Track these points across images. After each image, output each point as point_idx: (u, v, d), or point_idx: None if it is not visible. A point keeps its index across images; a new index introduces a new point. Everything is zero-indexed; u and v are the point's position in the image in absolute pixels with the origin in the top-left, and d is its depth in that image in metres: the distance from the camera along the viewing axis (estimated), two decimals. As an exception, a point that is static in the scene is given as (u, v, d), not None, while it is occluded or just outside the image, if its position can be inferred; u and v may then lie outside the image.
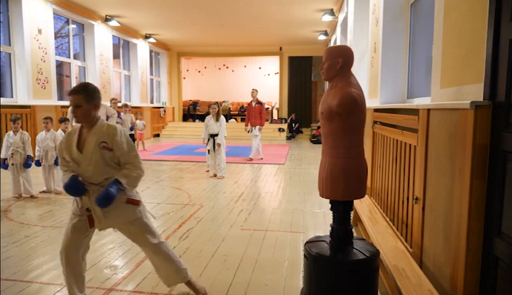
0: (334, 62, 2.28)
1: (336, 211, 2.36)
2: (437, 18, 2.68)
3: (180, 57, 17.58)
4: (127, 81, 14.20)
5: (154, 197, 5.48)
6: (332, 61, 2.29)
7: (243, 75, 18.99)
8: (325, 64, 2.33)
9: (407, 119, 3.10)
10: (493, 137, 1.84)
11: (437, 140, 2.42)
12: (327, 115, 2.23)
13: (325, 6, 10.12)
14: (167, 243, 2.64)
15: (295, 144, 13.71)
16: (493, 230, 1.83)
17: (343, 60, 2.27)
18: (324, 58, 2.37)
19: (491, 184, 1.85)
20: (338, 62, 2.27)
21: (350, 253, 2.28)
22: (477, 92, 1.99)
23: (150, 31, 13.96)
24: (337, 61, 2.27)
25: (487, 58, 1.86)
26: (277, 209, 4.87)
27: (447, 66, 2.43)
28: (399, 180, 3.36)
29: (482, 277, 1.92)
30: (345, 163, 2.22)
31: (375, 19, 5.05)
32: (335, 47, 2.40)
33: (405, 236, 3.12)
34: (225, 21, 12.04)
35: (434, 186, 2.48)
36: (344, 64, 2.28)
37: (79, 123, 2.41)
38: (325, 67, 2.33)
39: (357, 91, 2.22)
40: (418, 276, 2.31)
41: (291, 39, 15.09)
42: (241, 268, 3.09)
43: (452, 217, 2.14)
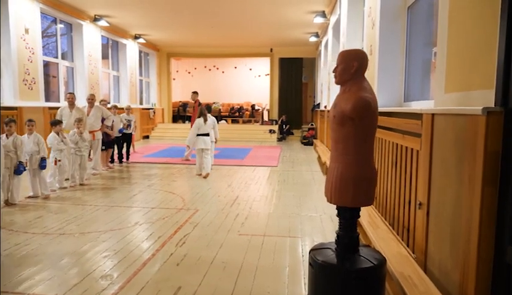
0: (348, 66, 2.24)
1: (343, 217, 2.32)
2: (441, 24, 2.66)
3: (169, 58, 17.42)
4: (116, 82, 13.99)
5: (147, 201, 5.37)
6: (346, 64, 2.25)
7: (233, 76, 18.93)
8: (339, 68, 2.29)
9: (408, 123, 3.08)
10: (505, 144, 1.82)
11: (443, 145, 2.40)
12: (339, 119, 2.18)
13: (317, 8, 10.12)
14: None
15: (286, 145, 13.69)
16: (505, 237, 1.81)
17: (358, 64, 2.23)
18: (337, 61, 2.33)
19: (503, 191, 1.83)
20: (353, 66, 2.23)
21: (357, 261, 2.24)
22: (486, 98, 1.97)
23: (139, 31, 13.80)
24: (352, 64, 2.23)
25: (499, 65, 1.84)
26: (273, 214, 4.82)
27: (453, 71, 2.41)
28: (400, 185, 3.34)
29: (493, 285, 1.90)
30: (356, 170, 2.17)
31: (370, 22, 5.04)
32: (349, 51, 2.37)
33: (406, 241, 3.10)
34: (216, 22, 11.96)
35: (439, 191, 2.46)
36: (359, 68, 2.24)
37: None
38: (339, 71, 2.29)
39: (371, 96, 2.18)
40: (426, 283, 2.28)
41: (282, 41, 15.07)
42: (242, 276, 3.02)
43: (461, 223, 2.12)
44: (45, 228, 4.15)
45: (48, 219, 4.52)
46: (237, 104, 18.45)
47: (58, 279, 2.96)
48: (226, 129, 15.30)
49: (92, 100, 7.50)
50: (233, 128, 15.84)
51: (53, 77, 10.68)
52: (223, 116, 17.57)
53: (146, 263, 3.25)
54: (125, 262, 3.28)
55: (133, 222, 4.39)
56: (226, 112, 17.98)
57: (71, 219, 4.45)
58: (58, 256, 3.39)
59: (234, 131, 15.51)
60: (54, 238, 3.83)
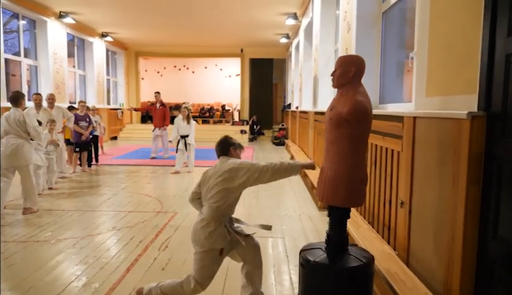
0: (347, 71, 2.29)
1: (333, 217, 2.37)
2: (420, 29, 2.78)
3: (137, 57, 17.05)
4: (82, 81, 13.54)
5: (123, 205, 5.25)
6: (345, 69, 2.30)
7: (203, 76, 18.77)
8: (337, 72, 2.34)
9: (389, 125, 3.20)
10: (488, 146, 1.93)
11: (426, 147, 2.51)
12: (335, 122, 2.24)
13: (289, 10, 10.23)
14: None
15: (257, 145, 13.75)
16: (488, 234, 1.92)
17: (356, 69, 2.29)
18: (336, 65, 2.38)
19: (486, 190, 1.95)
20: (351, 71, 2.29)
21: (347, 260, 2.30)
22: (467, 103, 2.08)
23: (107, 29, 13.41)
24: (350, 69, 2.29)
25: (482, 72, 1.95)
26: (253, 215, 4.84)
27: (434, 76, 2.53)
28: (380, 184, 3.46)
29: (476, 279, 2.01)
30: (349, 171, 2.23)
31: (346, 25, 5.17)
32: (348, 56, 2.44)
33: (387, 239, 3.21)
34: (186, 22, 11.83)
35: (421, 191, 2.57)
36: (356, 73, 2.30)
37: None
38: (337, 75, 2.34)
39: (367, 100, 2.25)
40: (412, 279, 2.38)
41: (252, 41, 15.12)
42: (229, 278, 3.03)
43: (444, 222, 2.22)
44: (17, 236, 3.96)
45: (18, 225, 4.32)
46: (208, 105, 18.33)
47: (36, 291, 2.83)
48: (197, 130, 15.06)
49: (52, 100, 6.96)
50: (204, 129, 15.70)
51: (13, 76, 10.18)
52: (193, 116, 17.32)
53: (129, 269, 3.19)
54: (108, 268, 3.19)
55: (111, 227, 4.28)
56: (197, 113, 17.79)
57: (44, 226, 4.28)
58: (34, 265, 3.25)
59: (205, 131, 15.37)
60: (28, 246, 3.67)
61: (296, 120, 11.25)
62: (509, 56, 1.78)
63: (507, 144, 1.80)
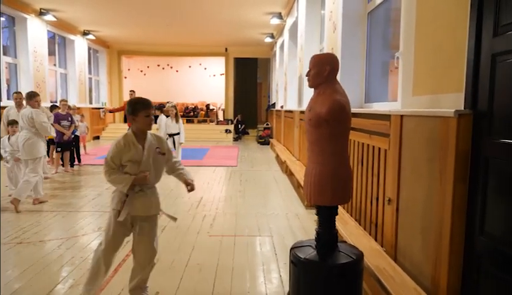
0: (321, 70, 2.32)
1: (322, 216, 2.39)
2: (407, 29, 2.83)
3: (120, 55, 16.83)
4: (64, 80, 13.27)
5: (108, 205, 5.12)
6: (319, 68, 2.32)
7: (188, 75, 18.65)
8: (312, 71, 2.36)
9: (375, 124, 3.24)
10: (474, 144, 1.98)
11: (413, 145, 2.56)
12: (315, 122, 2.25)
13: (274, 9, 10.26)
14: None
15: (242, 145, 13.75)
16: (475, 229, 1.97)
17: (330, 68, 2.32)
18: (310, 65, 2.40)
19: (472, 187, 2.00)
20: (326, 70, 2.31)
21: (338, 257, 2.32)
22: (455, 101, 2.13)
23: (88, 27, 13.19)
24: (324, 68, 2.31)
25: (468, 71, 2.00)
26: (240, 214, 4.84)
27: (421, 75, 2.58)
28: (367, 182, 3.51)
29: (464, 274, 2.06)
30: (333, 170, 2.26)
31: (332, 25, 5.22)
32: (322, 55, 2.45)
33: (374, 236, 3.26)
34: (170, 20, 11.73)
35: (409, 188, 2.62)
36: (331, 71, 2.32)
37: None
38: (312, 75, 2.36)
39: (344, 98, 2.27)
40: (401, 275, 2.42)
41: (237, 40, 15.10)
42: (219, 278, 3.02)
43: (432, 218, 2.27)
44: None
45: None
46: (192, 104, 18.22)
47: (22, 292, 2.77)
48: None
49: (20, 100, 6.44)
50: (188, 128, 15.48)
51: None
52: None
53: (117, 269, 3.14)
54: (95, 269, 3.14)
55: (97, 228, 4.21)
56: (181, 112, 17.65)
57: (27, 227, 4.18)
58: (18, 267, 3.17)
59: (190, 131, 15.22)
60: (11, 248, 3.58)
61: (281, 119, 11.29)
62: (495, 56, 1.83)
63: (493, 142, 1.85)
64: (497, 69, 1.83)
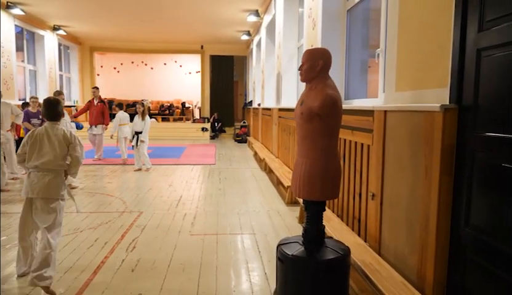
0: (314, 64, 2.30)
1: (310, 211, 2.38)
2: (389, 26, 2.85)
3: (92, 52, 16.34)
4: (33, 77, 12.77)
5: (84, 206, 5.00)
6: (313, 62, 2.31)
7: (163, 73, 18.32)
8: (305, 66, 2.34)
9: (358, 120, 3.26)
10: (459, 138, 2.01)
11: (397, 140, 2.58)
12: (306, 116, 2.24)
13: (251, 7, 10.21)
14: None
15: (219, 143, 13.65)
16: (461, 222, 2.00)
17: (323, 62, 2.30)
18: (303, 59, 2.38)
19: (457, 180, 2.03)
20: (318, 64, 2.30)
21: (325, 252, 2.32)
22: (439, 96, 2.16)
23: (59, 22, 12.71)
24: (317, 63, 2.30)
25: (453, 66, 2.03)
26: (221, 212, 4.78)
27: (404, 71, 2.60)
28: (349, 178, 3.53)
29: (449, 266, 2.10)
30: (323, 165, 2.25)
31: (311, 22, 5.23)
32: (315, 49, 2.43)
33: (357, 231, 3.28)
34: (145, 16, 11.47)
35: (393, 183, 2.65)
36: (324, 66, 2.31)
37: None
38: (305, 69, 2.34)
39: (336, 93, 2.26)
40: (387, 269, 2.44)
41: (213, 38, 14.96)
42: (203, 277, 2.96)
43: (417, 212, 2.30)
44: (-33, 242, 3.65)
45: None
46: (167, 102, 17.92)
47: (-5, 297, 2.63)
48: (157, 128, 14.79)
49: None
50: (164, 127, 15.37)
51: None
52: (152, 114, 16.89)
53: (96, 272, 3.03)
54: (72, 272, 3.02)
55: (73, 229, 4.06)
56: (156, 110, 17.36)
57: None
58: (-11, 272, 3.01)
59: (166, 129, 15.08)
60: None
61: (259, 117, 11.28)
62: (480, 51, 1.87)
63: (478, 135, 1.88)
64: (482, 63, 1.86)
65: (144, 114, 7.77)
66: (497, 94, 1.78)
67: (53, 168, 2.83)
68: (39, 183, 2.77)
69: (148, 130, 7.75)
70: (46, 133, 2.85)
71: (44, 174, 2.79)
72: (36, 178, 2.78)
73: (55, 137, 2.85)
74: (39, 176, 2.79)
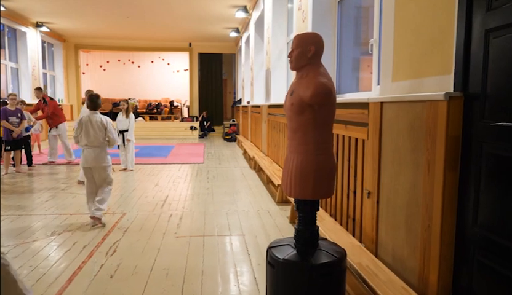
0: (305, 50, 2.11)
1: (302, 211, 2.19)
2: (386, 15, 2.67)
3: (77, 50, 15.94)
4: (15, 75, 12.37)
5: (64, 207, 4.74)
6: (303, 48, 2.12)
7: (150, 71, 17.99)
8: (295, 52, 2.15)
9: (352, 113, 3.09)
10: (466, 129, 1.84)
11: (395, 133, 2.41)
12: (297, 107, 2.04)
13: (239, 2, 10.00)
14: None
15: (208, 142, 13.41)
16: (468, 220, 1.83)
17: (314, 48, 2.12)
18: (293, 45, 2.19)
19: (464, 175, 1.86)
20: (310, 50, 2.11)
21: (319, 256, 2.13)
22: (442, 84, 1.99)
23: (42, 18, 12.33)
24: (309, 48, 2.11)
25: (458, 50, 1.86)
26: (209, 212, 4.57)
27: (401, 59, 2.43)
28: (343, 175, 3.35)
29: (455, 268, 1.92)
30: (316, 160, 2.06)
31: (301, 15, 5.05)
32: (306, 34, 2.24)
33: (352, 231, 3.11)
34: (131, 12, 11.17)
35: (391, 179, 2.47)
36: (316, 52, 2.13)
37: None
38: (295, 55, 2.15)
39: (330, 82, 2.07)
40: (385, 272, 2.27)
41: (201, 35, 14.70)
42: (188, 282, 2.75)
43: (418, 210, 2.13)
44: None
45: None
46: (155, 101, 17.59)
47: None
48: (144, 127, 14.52)
49: None
50: (152, 126, 15.09)
51: None
52: (140, 113, 16.59)
53: (72, 279, 2.80)
54: (45, 280, 2.78)
55: (50, 232, 3.81)
56: (143, 109, 17.03)
57: (-32, 234, 3.71)
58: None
59: (153, 128, 14.81)
60: None
61: (248, 115, 11.08)
62: (488, 32, 1.69)
63: (487, 125, 1.71)
64: (491, 46, 1.69)
65: (128, 111, 7.49)
66: (508, 79, 1.61)
67: (97, 145, 3.99)
68: (90, 156, 3.98)
69: (133, 128, 7.44)
70: (89, 120, 3.99)
71: (92, 150, 3.98)
72: (87, 153, 3.99)
73: (95, 123, 3.98)
74: (89, 151, 3.98)
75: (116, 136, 4.14)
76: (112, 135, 4.06)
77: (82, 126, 3.96)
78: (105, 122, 4.02)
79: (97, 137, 3.96)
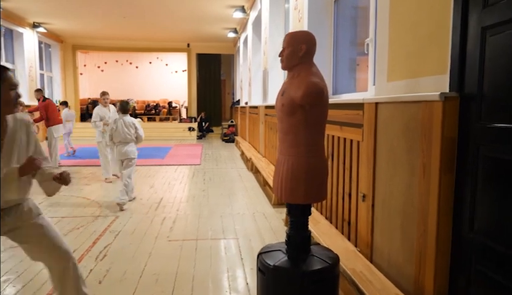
0: (296, 49, 2.04)
1: (294, 215, 2.12)
2: (381, 12, 2.60)
3: (75, 50, 15.85)
4: (11, 76, 12.28)
5: (55, 210, 4.67)
6: (294, 47, 2.05)
7: (148, 72, 17.91)
8: (286, 51, 2.08)
9: (347, 114, 3.01)
10: (462, 130, 1.77)
11: (390, 134, 2.33)
12: (288, 108, 1.97)
13: (237, 3, 9.93)
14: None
15: (206, 143, 13.34)
16: (464, 226, 1.76)
17: (306, 47, 2.05)
18: (284, 44, 2.12)
19: (460, 178, 1.78)
20: (301, 49, 2.04)
21: (311, 262, 2.05)
22: (438, 84, 1.92)
23: (39, 19, 12.26)
24: (300, 47, 2.04)
25: (453, 49, 1.78)
26: (203, 215, 4.50)
27: (396, 59, 2.36)
28: (338, 177, 3.28)
29: (451, 275, 1.85)
30: (307, 163, 1.98)
31: (297, 14, 4.98)
32: (297, 33, 2.17)
33: (347, 235, 3.03)
34: (128, 13, 11.10)
35: (386, 182, 2.40)
36: (308, 51, 2.06)
37: None
38: (286, 55, 2.08)
39: (322, 81, 2.00)
40: (380, 279, 2.19)
41: (199, 36, 14.63)
42: (178, 288, 2.67)
43: (413, 214, 2.05)
44: None
45: None
46: (153, 101, 17.52)
47: None
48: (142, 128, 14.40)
49: None
50: (150, 126, 14.99)
51: None
52: (138, 114, 16.52)
53: (59, 284, 2.72)
54: (32, 286, 2.71)
55: (40, 236, 3.73)
56: (142, 110, 16.97)
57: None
58: None
59: (151, 129, 14.70)
60: None
61: (246, 116, 11.01)
62: (485, 30, 1.62)
63: (484, 127, 1.64)
64: (487, 44, 1.62)
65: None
66: (505, 79, 1.54)
67: (128, 141, 4.86)
68: (122, 150, 4.84)
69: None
70: (122, 120, 4.90)
71: (123, 145, 4.84)
72: (120, 148, 4.85)
73: (127, 123, 4.89)
74: (121, 146, 4.84)
75: (143, 134, 5.02)
76: (141, 133, 4.98)
77: (115, 126, 4.85)
78: (135, 122, 5.00)
79: (128, 134, 4.82)
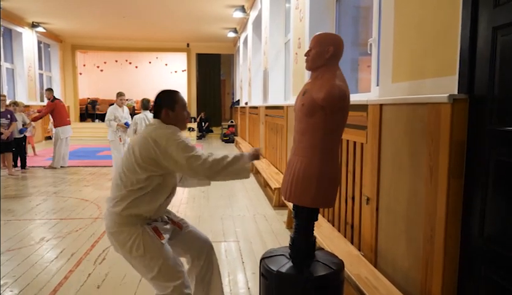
0: (323, 51, 1.99)
1: (300, 218, 2.07)
2: (385, 11, 2.55)
3: (74, 50, 15.80)
4: (10, 75, 12.24)
5: (54, 212, 4.61)
6: (321, 48, 2.00)
7: (148, 71, 17.85)
8: (312, 52, 2.03)
9: (350, 116, 2.94)
10: (471, 133, 1.72)
11: (395, 137, 2.29)
12: (308, 108, 1.92)
13: (237, 2, 9.88)
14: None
15: (206, 143, 13.29)
16: (474, 232, 1.71)
17: (333, 49, 1.99)
18: (311, 44, 2.07)
19: (469, 183, 1.73)
20: (328, 51, 1.98)
21: (316, 268, 2.00)
22: (445, 85, 1.87)
23: (38, 18, 12.20)
24: (327, 49, 1.99)
25: (462, 49, 1.73)
26: (203, 217, 4.45)
27: (402, 60, 2.31)
28: (341, 180, 3.22)
29: (460, 282, 1.80)
30: (321, 166, 1.93)
31: (298, 14, 4.93)
32: (326, 34, 2.12)
33: (351, 239, 2.99)
34: (128, 12, 11.04)
35: (391, 185, 2.35)
36: (334, 54, 2.00)
37: None
38: (312, 55, 2.03)
39: (345, 85, 1.96)
40: (385, 285, 2.14)
41: (199, 36, 14.58)
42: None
43: (419, 219, 2.01)
44: None
45: None
46: (153, 102, 17.45)
47: None
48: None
49: None
50: (149, 127, 14.92)
51: None
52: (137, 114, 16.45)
53: (57, 289, 2.67)
54: (30, 290, 2.66)
55: (38, 238, 3.68)
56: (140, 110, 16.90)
57: (-48, 240, 3.59)
58: None
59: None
60: None
61: (246, 116, 10.96)
62: (496, 30, 1.57)
63: (494, 130, 1.59)
64: (498, 44, 1.57)
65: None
66: (518, 80, 1.49)
67: None
68: None
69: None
70: (144, 116, 5.72)
71: None
72: None
73: (150, 118, 4.75)
74: None
75: None
76: None
77: (136, 121, 5.57)
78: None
79: None
